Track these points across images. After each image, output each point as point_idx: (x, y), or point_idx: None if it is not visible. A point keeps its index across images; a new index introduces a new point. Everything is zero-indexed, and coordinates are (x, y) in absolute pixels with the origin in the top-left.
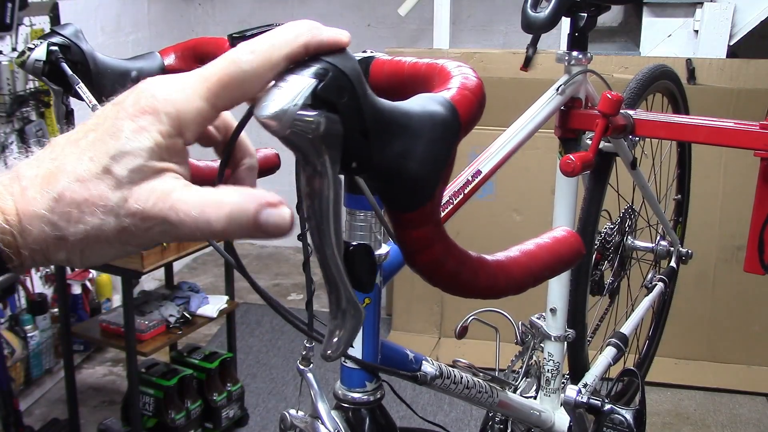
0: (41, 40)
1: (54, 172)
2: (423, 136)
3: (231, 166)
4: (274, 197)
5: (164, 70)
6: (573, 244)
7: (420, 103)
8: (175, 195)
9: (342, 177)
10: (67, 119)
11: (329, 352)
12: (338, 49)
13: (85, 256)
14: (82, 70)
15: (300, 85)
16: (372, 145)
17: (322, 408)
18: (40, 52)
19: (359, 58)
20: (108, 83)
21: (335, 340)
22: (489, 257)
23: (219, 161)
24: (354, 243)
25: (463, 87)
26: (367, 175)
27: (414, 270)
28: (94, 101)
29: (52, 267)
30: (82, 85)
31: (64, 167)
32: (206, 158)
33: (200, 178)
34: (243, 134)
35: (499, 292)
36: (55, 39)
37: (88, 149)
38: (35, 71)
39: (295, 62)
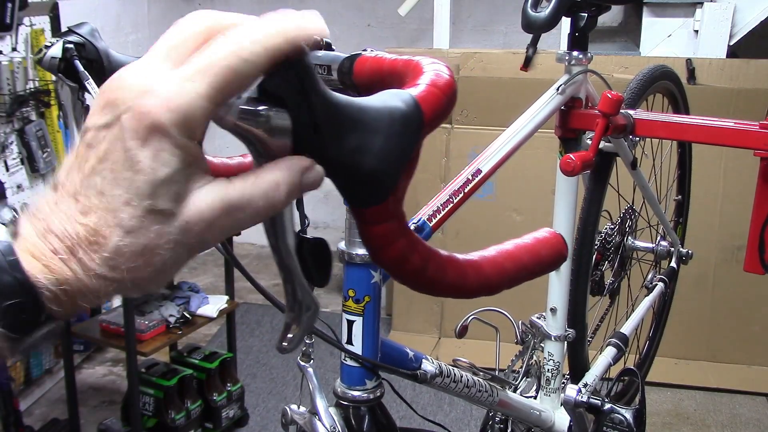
0: (58, 39)
1: (94, 229)
2: (380, 132)
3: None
4: (306, 160)
5: None
6: (555, 246)
7: (382, 99)
8: (225, 188)
9: None
10: (85, 116)
11: (284, 344)
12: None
13: (160, 281)
14: (97, 67)
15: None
16: (324, 140)
17: (320, 404)
18: (56, 50)
19: (346, 55)
20: None
21: (291, 333)
22: (461, 256)
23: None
24: (308, 236)
25: (432, 84)
26: (324, 169)
27: (379, 266)
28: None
29: None
30: (91, 81)
31: (105, 221)
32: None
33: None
34: None
35: (470, 291)
36: (71, 37)
37: (114, 190)
38: (51, 68)
39: None
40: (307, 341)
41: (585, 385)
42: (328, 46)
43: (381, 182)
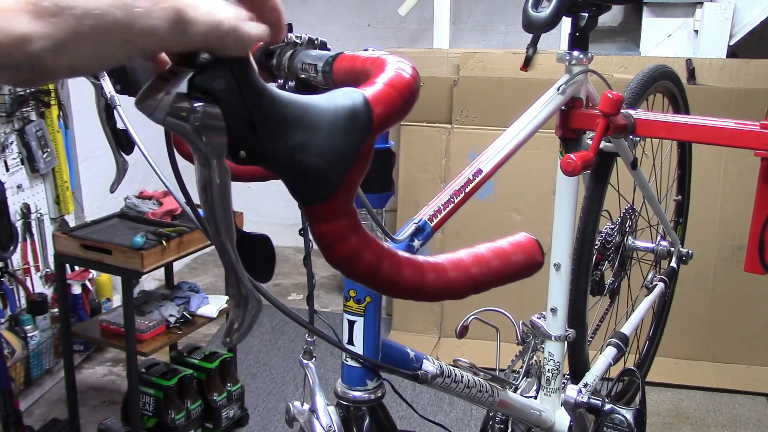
0: None
1: None
2: (322, 129)
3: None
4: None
5: None
6: (529, 252)
7: (329, 97)
8: None
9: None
10: (107, 112)
11: (228, 339)
12: None
13: (78, 51)
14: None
15: (177, 74)
16: (261, 137)
17: (319, 403)
18: None
19: (332, 54)
20: (142, 78)
21: (236, 327)
22: (424, 258)
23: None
24: (251, 232)
25: (389, 83)
26: (266, 166)
27: (331, 265)
28: (113, 92)
29: (52, 266)
30: (105, 75)
31: None
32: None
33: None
34: None
35: (428, 293)
36: None
37: None
38: None
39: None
40: (308, 339)
41: (585, 385)
42: (323, 45)
43: (324, 179)
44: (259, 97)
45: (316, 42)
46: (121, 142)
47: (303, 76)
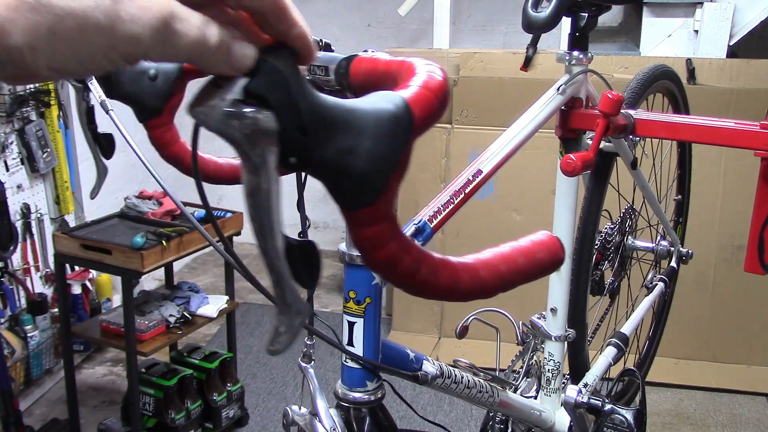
0: None
1: None
2: (368, 134)
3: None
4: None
5: (182, 70)
6: (552, 249)
7: (371, 101)
8: (176, 7)
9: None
10: (88, 116)
11: (272, 347)
12: (277, 44)
13: (58, 52)
14: None
15: (231, 80)
16: (311, 142)
17: (321, 405)
18: None
19: (344, 56)
20: (126, 81)
21: (281, 335)
22: (456, 258)
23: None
24: (297, 239)
25: (424, 85)
26: (312, 171)
27: (370, 268)
28: (104, 97)
29: (52, 267)
30: (93, 80)
31: None
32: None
33: (221, 175)
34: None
35: (463, 294)
36: None
37: None
38: None
39: None
40: (308, 342)
41: (585, 386)
42: (327, 47)
43: (370, 184)
44: (309, 101)
45: (320, 44)
46: (102, 146)
47: (309, 77)
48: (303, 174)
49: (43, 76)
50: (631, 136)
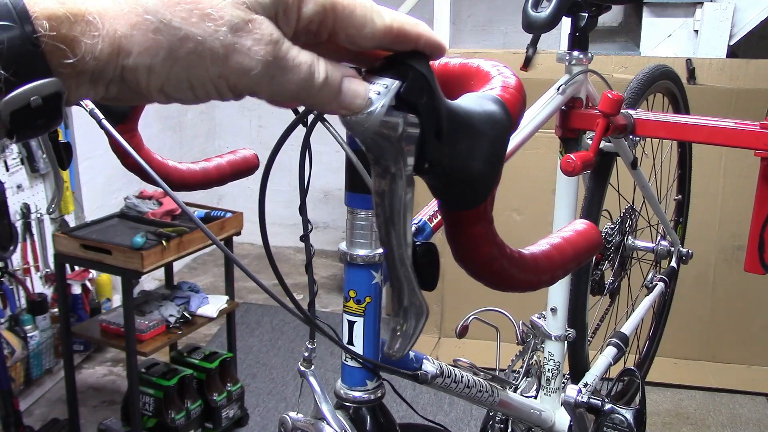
0: None
1: None
2: (486, 135)
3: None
4: (350, 70)
5: None
6: (593, 236)
7: (476, 102)
8: (286, 44)
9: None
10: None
11: (391, 350)
12: (414, 52)
13: (173, 75)
14: None
15: (385, 86)
16: (444, 146)
17: (326, 409)
18: None
19: None
20: None
21: (398, 338)
22: (525, 252)
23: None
24: (419, 242)
25: (508, 85)
26: (434, 173)
27: (465, 266)
28: (92, 105)
29: (52, 266)
30: None
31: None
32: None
33: (184, 182)
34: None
35: (537, 285)
36: None
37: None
38: None
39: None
40: (309, 346)
41: (585, 385)
42: None
43: (485, 185)
44: (444, 105)
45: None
46: (61, 155)
47: None
48: (307, 176)
49: (152, 98)
50: (631, 136)
